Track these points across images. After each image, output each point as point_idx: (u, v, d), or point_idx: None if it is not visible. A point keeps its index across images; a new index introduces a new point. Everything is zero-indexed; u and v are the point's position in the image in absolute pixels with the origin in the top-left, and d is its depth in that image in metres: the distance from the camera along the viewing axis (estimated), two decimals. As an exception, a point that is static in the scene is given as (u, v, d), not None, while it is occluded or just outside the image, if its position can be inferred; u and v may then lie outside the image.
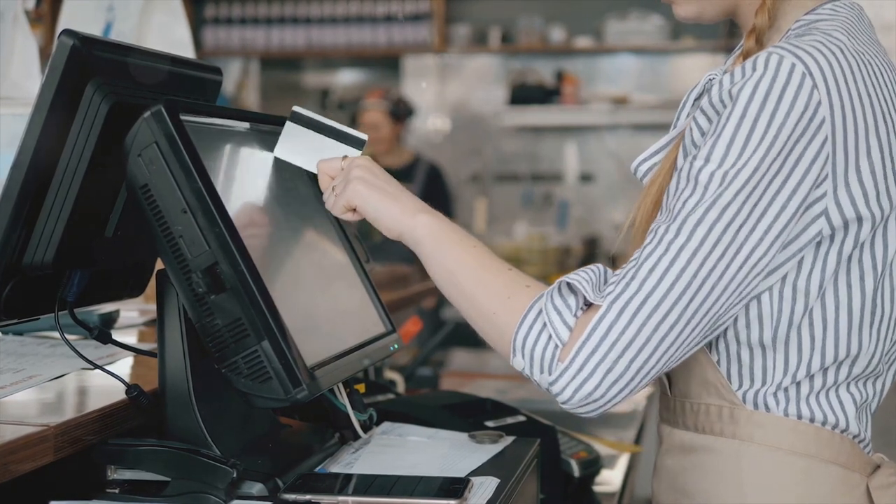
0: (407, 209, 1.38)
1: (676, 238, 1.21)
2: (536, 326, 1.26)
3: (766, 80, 1.21)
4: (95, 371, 1.38)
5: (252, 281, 1.25)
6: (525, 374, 1.28)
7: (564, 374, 1.23)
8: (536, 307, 1.27)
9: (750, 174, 1.20)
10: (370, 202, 1.39)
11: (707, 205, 1.21)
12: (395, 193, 1.39)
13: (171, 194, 1.25)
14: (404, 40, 6.49)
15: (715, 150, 1.22)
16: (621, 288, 1.22)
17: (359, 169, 1.40)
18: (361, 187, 1.39)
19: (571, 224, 6.36)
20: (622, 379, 1.22)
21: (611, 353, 1.21)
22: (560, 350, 1.24)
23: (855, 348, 1.29)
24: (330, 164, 1.45)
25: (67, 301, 1.32)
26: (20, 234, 1.23)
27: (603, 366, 1.21)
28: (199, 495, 1.25)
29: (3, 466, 1.12)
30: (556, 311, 1.25)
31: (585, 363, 1.22)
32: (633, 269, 1.23)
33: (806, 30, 1.29)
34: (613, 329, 1.21)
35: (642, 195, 1.36)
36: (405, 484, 1.29)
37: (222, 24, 6.68)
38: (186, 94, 1.43)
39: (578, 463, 1.87)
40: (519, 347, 1.27)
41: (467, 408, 1.75)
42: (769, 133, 1.20)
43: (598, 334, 1.21)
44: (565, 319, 1.24)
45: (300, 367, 1.26)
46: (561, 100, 6.31)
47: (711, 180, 1.21)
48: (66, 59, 1.21)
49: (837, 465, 1.30)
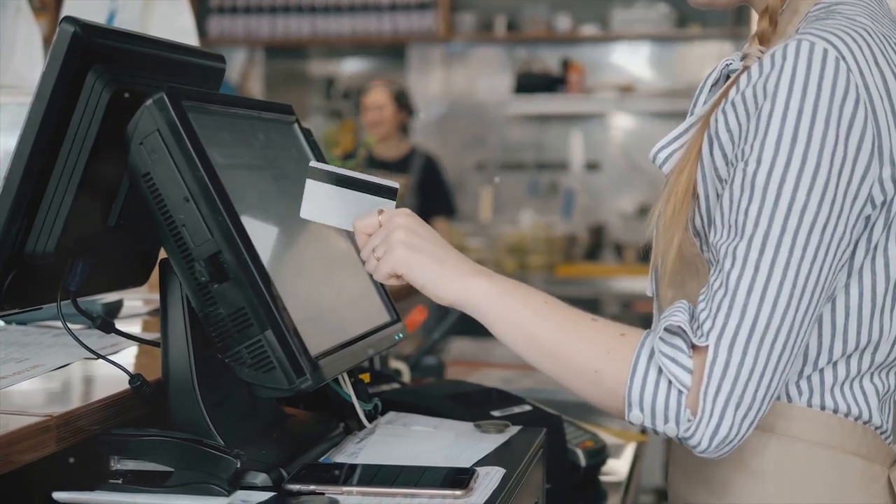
0: (458, 273, 1.29)
1: (763, 255, 1.17)
2: (651, 376, 1.20)
3: (802, 69, 1.18)
4: (98, 361, 1.37)
5: (255, 270, 1.24)
6: (646, 426, 1.22)
7: (700, 426, 1.17)
8: (644, 355, 1.21)
9: (815, 168, 1.17)
10: (416, 270, 1.30)
11: (784, 211, 1.17)
12: (442, 256, 1.31)
13: (174, 183, 1.25)
14: (409, 28, 6.47)
15: (765, 151, 1.18)
16: (722, 320, 1.17)
17: (401, 230, 1.31)
18: (405, 253, 1.30)
19: (577, 213, 6.35)
20: (752, 410, 1.18)
21: (736, 390, 1.16)
22: (685, 396, 1.18)
23: (876, 334, 1.28)
24: (367, 221, 1.34)
25: (70, 290, 1.32)
26: (22, 223, 1.22)
27: (731, 404, 1.17)
28: (202, 485, 1.25)
29: (6, 457, 1.12)
30: (670, 358, 1.19)
31: (714, 408, 1.17)
32: (727, 298, 1.17)
33: (827, 13, 1.27)
34: (731, 365, 1.16)
35: (670, 185, 1.30)
36: (410, 474, 1.29)
37: (227, 12, 6.67)
38: (189, 83, 1.42)
39: (584, 452, 1.87)
40: (636, 401, 1.20)
41: (473, 397, 1.74)
42: (818, 122, 1.17)
43: (717, 375, 1.16)
44: (683, 364, 1.18)
45: (304, 357, 1.25)
46: (567, 88, 6.30)
47: (769, 183, 1.17)
48: (67, 46, 1.21)
49: (860, 457, 1.29)
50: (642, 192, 6.16)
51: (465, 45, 6.52)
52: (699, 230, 1.30)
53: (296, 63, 6.99)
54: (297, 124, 1.58)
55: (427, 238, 1.32)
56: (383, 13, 6.48)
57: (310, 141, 1.58)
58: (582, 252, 6.18)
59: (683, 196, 1.29)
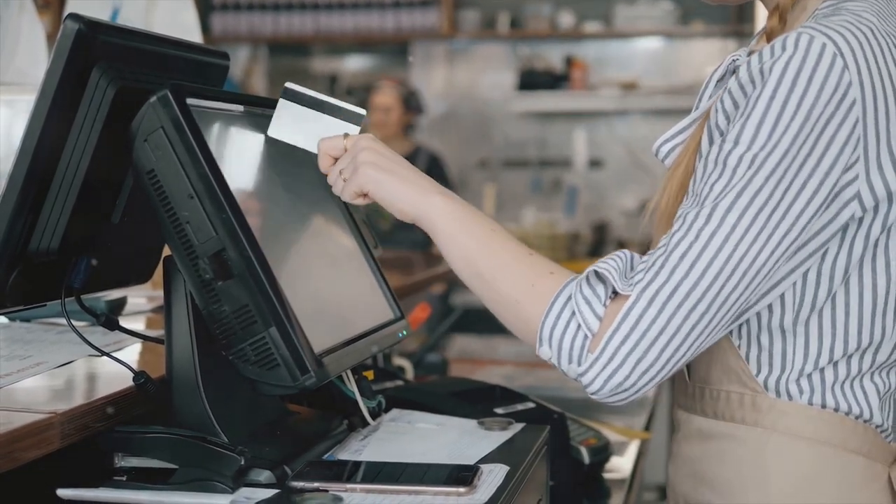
0: (421, 191, 1.34)
1: (707, 225, 1.19)
2: (564, 316, 1.24)
3: (797, 60, 1.18)
4: (102, 358, 1.37)
5: (259, 267, 1.24)
6: (552, 363, 1.25)
7: (595, 365, 1.20)
8: (564, 296, 1.25)
9: (781, 157, 1.18)
10: (383, 186, 1.34)
11: (738, 189, 1.18)
12: (408, 175, 1.35)
13: (178, 180, 1.25)
14: (412, 26, 6.47)
15: (744, 132, 1.19)
16: (651, 276, 1.20)
17: (367, 151, 1.35)
18: (372, 171, 1.34)
19: (580, 210, 6.34)
20: (653, 368, 1.20)
21: (641, 343, 1.19)
22: (590, 340, 1.22)
23: (878, 335, 1.28)
24: (331, 143, 1.38)
25: (74, 288, 1.31)
26: (26, 220, 1.22)
27: (633, 355, 1.19)
28: (206, 482, 1.25)
29: (10, 454, 1.12)
30: (586, 301, 1.23)
31: (615, 353, 1.19)
32: (663, 256, 1.20)
33: (834, 10, 1.27)
34: (644, 318, 1.19)
35: (667, 178, 1.33)
36: (414, 471, 1.29)
37: (230, 9, 6.67)
38: (193, 80, 1.42)
39: (588, 450, 1.87)
40: (546, 337, 1.24)
41: (476, 395, 1.74)
42: (799, 114, 1.17)
43: (628, 324, 1.19)
44: (595, 309, 1.22)
45: (308, 354, 1.25)
46: (570, 85, 6.30)
47: (740, 163, 1.19)
48: (71, 43, 1.20)
49: (861, 456, 1.29)
50: (645, 189, 6.16)
51: (468, 43, 6.52)
52: None
53: (299, 60, 6.99)
54: (300, 121, 1.57)
55: (392, 159, 1.36)
56: (386, 10, 6.48)
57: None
58: (585, 249, 6.17)
59: (679, 189, 1.30)
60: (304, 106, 1.41)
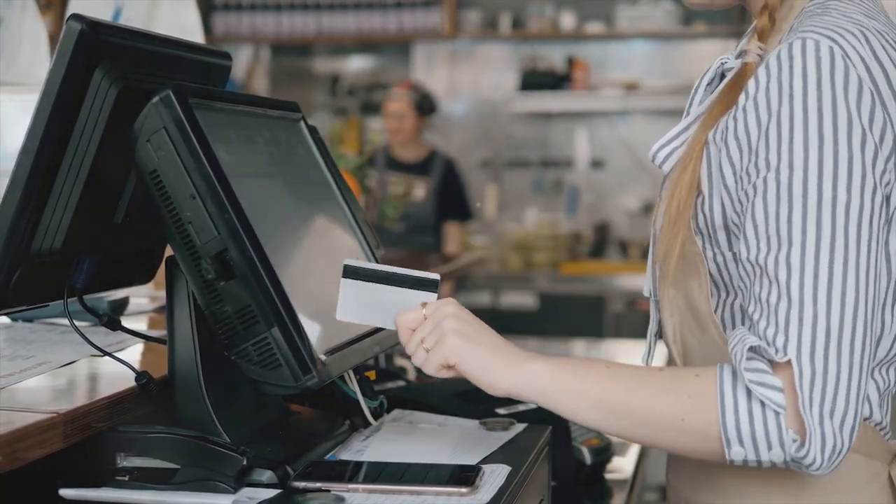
0: (514, 361, 1.25)
1: (819, 259, 1.15)
2: (742, 405, 1.16)
3: (812, 68, 1.18)
4: (105, 358, 1.37)
5: (261, 267, 1.24)
6: (748, 460, 1.18)
7: (811, 443, 1.14)
8: (729, 387, 1.17)
9: (848, 163, 1.16)
10: (471, 360, 1.25)
11: (829, 212, 1.15)
12: (495, 345, 1.27)
13: (180, 180, 1.25)
14: (414, 26, 6.46)
15: (795, 156, 1.17)
16: (797, 332, 1.15)
17: (451, 319, 1.26)
18: (459, 340, 1.25)
19: (582, 210, 6.34)
20: (849, 415, 1.15)
21: (827, 399, 1.14)
22: (783, 416, 1.15)
23: (878, 329, 1.27)
24: (411, 315, 1.28)
25: (76, 288, 1.32)
26: (29, 220, 1.22)
27: (826, 415, 1.14)
28: (208, 482, 1.25)
29: (13, 453, 1.12)
30: (758, 381, 1.15)
31: (818, 424, 1.14)
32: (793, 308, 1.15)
33: (822, 9, 1.27)
34: (817, 375, 1.14)
35: (673, 182, 1.30)
36: (416, 472, 1.29)
37: (232, 10, 6.67)
38: (195, 80, 1.42)
39: (590, 450, 1.86)
40: (734, 436, 1.16)
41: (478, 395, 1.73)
42: (839, 120, 1.17)
43: (807, 387, 1.14)
44: (771, 384, 1.15)
45: (310, 354, 1.25)
46: (572, 86, 6.29)
47: (808, 186, 1.16)
48: (74, 43, 1.21)
49: (860, 454, 1.29)
50: (647, 189, 6.16)
51: (470, 43, 6.52)
52: (701, 229, 1.29)
53: (301, 60, 6.98)
54: (302, 122, 1.57)
55: (478, 328, 1.28)
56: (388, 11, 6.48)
57: (315, 138, 1.58)
58: (587, 250, 6.17)
59: (687, 194, 1.28)
60: (370, 282, 1.30)
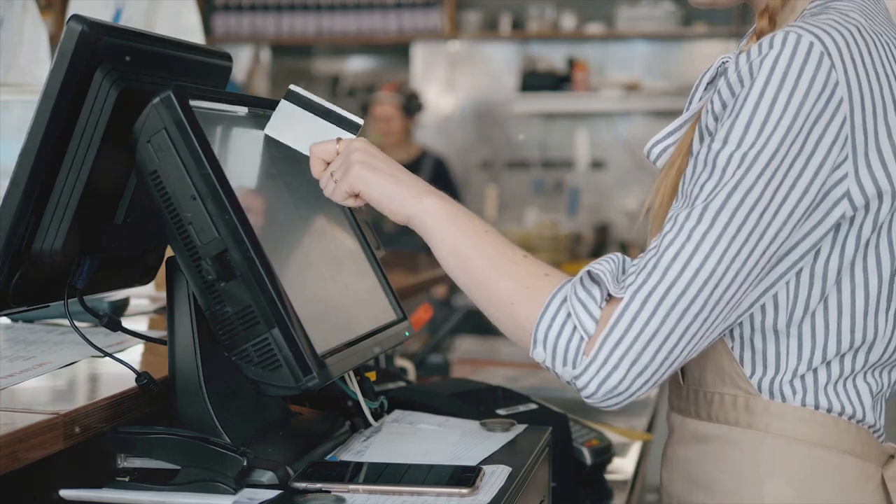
0: (413, 192, 1.33)
1: (698, 225, 1.18)
2: (559, 318, 1.22)
3: (784, 59, 1.18)
4: (105, 359, 1.37)
5: (262, 268, 1.24)
6: (545, 366, 1.24)
7: (589, 369, 1.20)
8: (559, 298, 1.23)
9: (770, 155, 1.18)
10: (374, 186, 1.33)
11: (728, 189, 1.18)
12: (400, 176, 1.34)
13: (181, 181, 1.25)
14: (415, 27, 6.47)
15: (733, 131, 1.19)
16: (643, 278, 1.19)
17: (359, 152, 1.35)
18: (364, 171, 1.33)
19: (582, 211, 6.35)
20: (647, 371, 1.19)
21: (635, 346, 1.18)
22: (585, 343, 1.20)
23: (871, 334, 1.28)
24: (324, 146, 1.38)
25: (77, 288, 1.32)
26: (29, 221, 1.22)
27: (627, 358, 1.18)
28: (209, 483, 1.25)
29: (13, 454, 1.12)
30: (581, 303, 1.22)
31: (609, 356, 1.19)
32: (654, 257, 1.20)
33: (822, 9, 1.28)
34: (637, 321, 1.18)
35: (660, 179, 1.33)
36: (416, 472, 1.29)
37: (233, 10, 6.68)
38: (196, 81, 1.42)
39: (590, 451, 1.87)
40: (541, 339, 1.23)
41: (478, 396, 1.74)
42: (788, 113, 1.18)
43: (622, 326, 1.18)
44: (591, 311, 1.21)
45: (310, 355, 1.25)
46: (572, 86, 6.30)
47: (730, 163, 1.18)
48: (74, 44, 1.21)
49: (854, 456, 1.29)
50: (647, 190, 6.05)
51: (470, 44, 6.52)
52: None
53: (301, 61, 6.99)
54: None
55: (385, 160, 1.35)
56: (389, 11, 6.48)
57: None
58: (587, 250, 6.17)
59: (671, 190, 1.30)
60: (304, 109, 1.42)
